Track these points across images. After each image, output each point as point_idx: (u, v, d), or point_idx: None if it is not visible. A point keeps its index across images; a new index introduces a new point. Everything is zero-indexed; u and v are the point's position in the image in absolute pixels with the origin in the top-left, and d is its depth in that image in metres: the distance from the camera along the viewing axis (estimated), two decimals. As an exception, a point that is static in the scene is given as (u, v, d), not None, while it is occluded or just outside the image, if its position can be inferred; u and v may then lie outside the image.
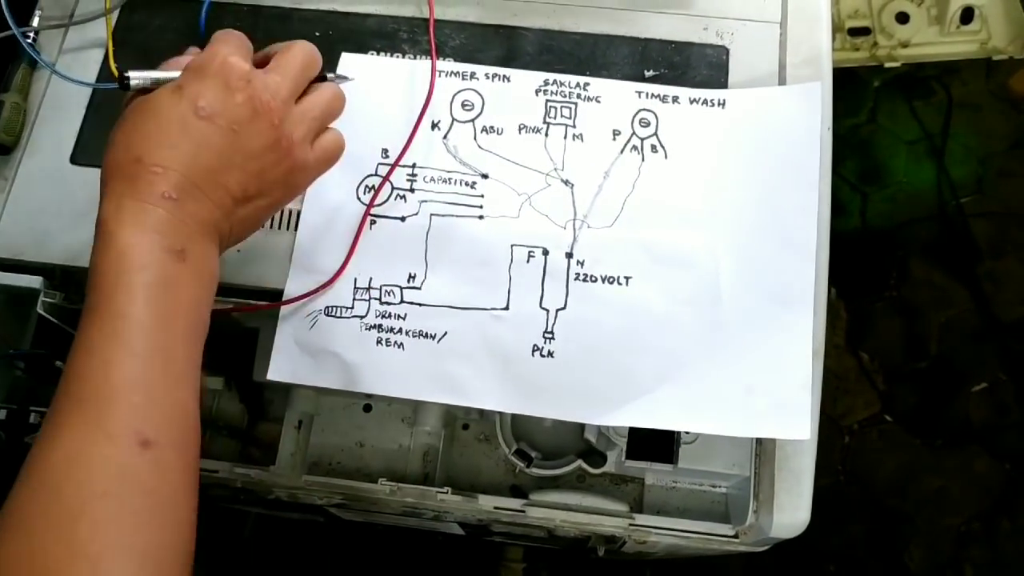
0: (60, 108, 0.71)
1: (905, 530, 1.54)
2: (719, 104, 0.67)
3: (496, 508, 0.65)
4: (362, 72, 0.69)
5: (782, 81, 0.68)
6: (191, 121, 0.49)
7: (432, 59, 0.68)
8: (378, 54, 0.70)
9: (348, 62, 0.70)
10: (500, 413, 0.68)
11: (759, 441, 0.61)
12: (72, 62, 0.73)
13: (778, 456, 0.60)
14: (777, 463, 0.60)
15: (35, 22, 0.73)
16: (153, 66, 0.54)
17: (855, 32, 1.71)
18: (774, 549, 0.64)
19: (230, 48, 0.52)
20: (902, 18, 1.71)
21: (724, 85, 0.68)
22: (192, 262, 0.48)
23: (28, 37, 0.72)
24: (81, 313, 0.46)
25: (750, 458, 0.61)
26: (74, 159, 0.69)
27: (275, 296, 0.63)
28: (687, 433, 0.62)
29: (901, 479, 1.57)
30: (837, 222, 1.83)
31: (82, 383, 0.44)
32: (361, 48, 0.70)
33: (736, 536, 0.62)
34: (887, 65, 1.72)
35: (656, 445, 0.63)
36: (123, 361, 0.44)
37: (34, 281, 0.66)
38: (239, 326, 0.67)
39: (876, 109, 1.83)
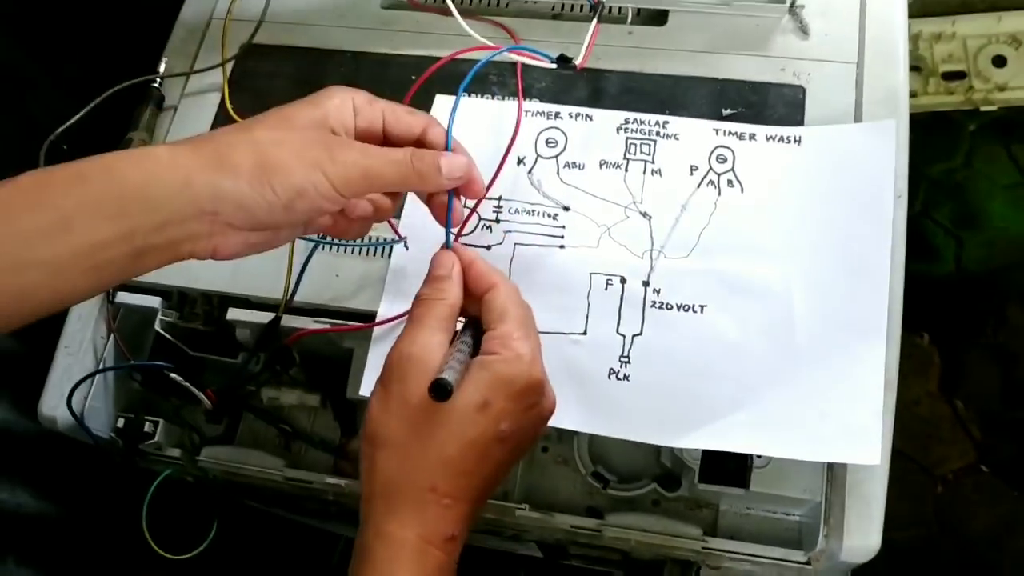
0: (181, 145, 0.78)
1: (1001, 586, 1.48)
2: (795, 141, 0.69)
3: (573, 527, 0.68)
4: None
5: (858, 119, 0.70)
6: (490, 446, 0.48)
7: (519, 100, 0.72)
8: (469, 95, 0.75)
9: (442, 103, 0.75)
10: (578, 436, 0.71)
11: (830, 467, 0.62)
12: (192, 104, 0.80)
13: (849, 481, 0.61)
14: (848, 488, 0.61)
15: (161, 69, 0.81)
16: (265, 106, 0.58)
17: (949, 76, 1.70)
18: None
19: (537, 362, 0.51)
20: (999, 62, 1.69)
21: (800, 123, 0.70)
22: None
23: (156, 83, 0.79)
24: None
25: (821, 484, 0.62)
26: (193, 191, 0.76)
27: (369, 319, 0.68)
28: (759, 457, 0.64)
29: (997, 532, 1.51)
30: (931, 267, 1.79)
31: None
32: (454, 90, 0.75)
33: (808, 563, 0.63)
34: (983, 109, 1.71)
35: (729, 469, 0.64)
36: None
37: (153, 301, 0.73)
38: (336, 346, 0.71)
39: (972, 153, 1.79)
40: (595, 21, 0.70)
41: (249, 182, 0.46)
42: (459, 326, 0.55)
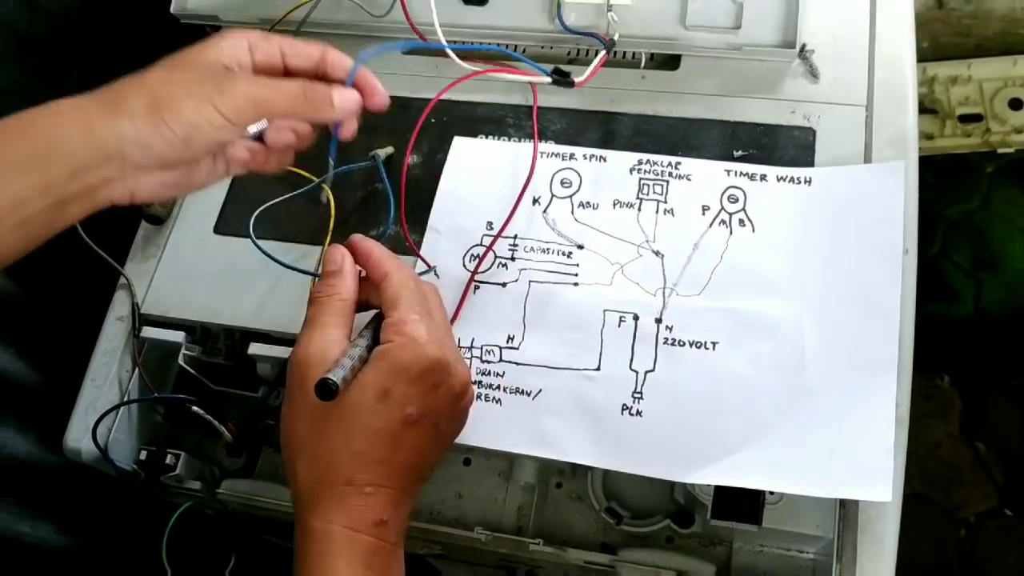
0: (208, 185, 0.80)
1: (1026, 632, 1.46)
2: (805, 181, 0.70)
3: (586, 563, 0.68)
4: (472, 153, 0.76)
5: (867, 161, 0.71)
6: (400, 432, 0.49)
7: (534, 142, 0.74)
8: (487, 137, 0.77)
9: (460, 144, 0.77)
10: (592, 472, 0.72)
11: (843, 504, 0.63)
12: (220, 145, 0.82)
13: (861, 519, 0.61)
14: (860, 526, 0.61)
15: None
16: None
17: (966, 119, 1.71)
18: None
19: (435, 342, 0.52)
20: (1015, 104, 1.70)
21: (810, 164, 0.72)
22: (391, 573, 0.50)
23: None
24: None
25: (834, 521, 0.62)
26: (217, 229, 0.78)
27: (387, 353, 0.69)
28: (771, 494, 0.64)
29: (1022, 576, 1.49)
30: (950, 309, 1.78)
31: None
32: (472, 132, 0.78)
33: (822, 601, 0.63)
34: (1000, 151, 1.71)
35: (741, 506, 0.65)
36: None
37: (177, 336, 0.75)
38: (353, 381, 0.73)
39: (990, 195, 1.80)
40: (603, 51, 0.74)
41: (146, 121, 0.48)
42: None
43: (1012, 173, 1.80)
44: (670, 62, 0.78)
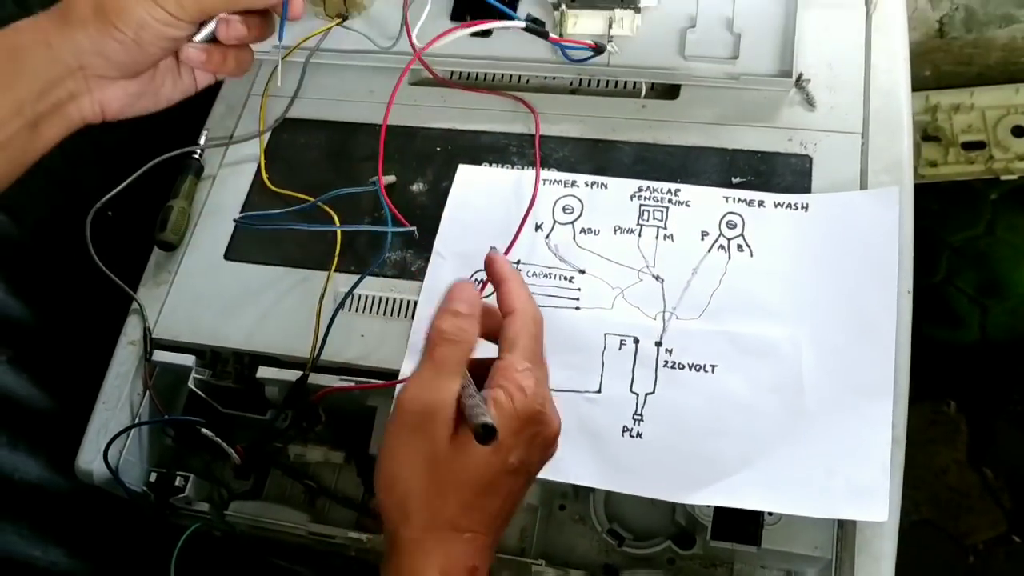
0: (218, 213, 0.83)
1: (1036, 660, 1.44)
2: (802, 207, 0.72)
3: (589, 584, 0.69)
4: (476, 180, 0.78)
5: (863, 187, 0.72)
6: (502, 481, 0.49)
7: (536, 169, 0.76)
8: (491, 165, 0.79)
9: (464, 172, 0.79)
10: (594, 494, 0.73)
11: (841, 524, 0.63)
12: (230, 173, 0.85)
13: (859, 539, 0.62)
14: (858, 546, 0.62)
15: (202, 141, 0.86)
16: (302, 184, 0.61)
17: (969, 146, 1.73)
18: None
19: (538, 396, 0.50)
20: (1018, 132, 1.71)
21: (807, 191, 0.73)
22: None
23: (196, 153, 0.84)
24: None
25: (832, 541, 0.63)
26: (227, 255, 0.80)
27: (392, 376, 0.71)
28: (770, 515, 0.65)
29: (1031, 604, 1.48)
30: (956, 334, 1.78)
31: None
32: (476, 160, 0.80)
33: (822, 621, 0.64)
34: (1003, 178, 1.73)
35: (741, 526, 0.65)
36: None
37: (187, 359, 0.77)
38: (360, 404, 0.74)
39: (994, 221, 1.81)
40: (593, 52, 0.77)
41: (96, 27, 0.50)
42: None
43: (1016, 199, 1.81)
44: (670, 92, 0.80)
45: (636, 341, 0.69)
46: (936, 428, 1.63)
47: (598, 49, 0.77)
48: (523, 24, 0.75)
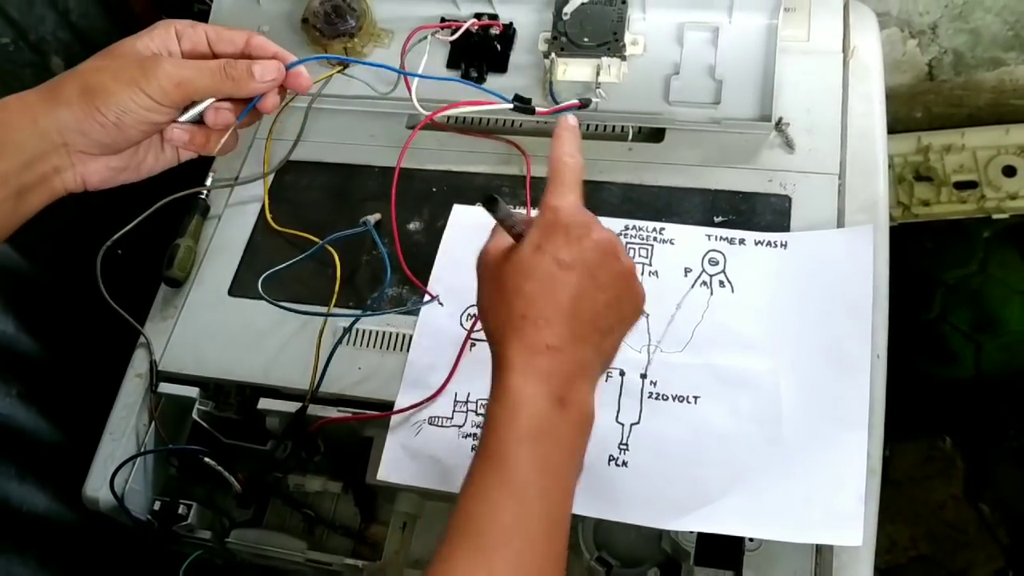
0: (223, 251, 0.86)
1: None
2: (781, 245, 0.75)
3: (577, 610, 0.71)
4: (470, 219, 0.81)
5: (840, 226, 0.76)
6: (558, 275, 0.52)
7: (527, 209, 0.79)
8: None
9: (459, 211, 0.82)
10: (582, 522, 0.75)
11: (818, 549, 0.65)
12: (235, 214, 0.88)
13: (836, 564, 0.64)
14: (835, 571, 0.64)
15: (208, 182, 0.89)
16: (305, 223, 0.64)
17: (961, 186, 1.76)
18: None
19: (568, 199, 0.54)
20: (1009, 171, 1.74)
21: (787, 229, 0.76)
22: (572, 409, 0.51)
23: (203, 194, 0.88)
24: (476, 453, 0.51)
25: (810, 566, 0.65)
26: (231, 291, 0.83)
27: (388, 408, 0.74)
28: (751, 541, 0.67)
29: (1029, 640, 1.48)
30: (951, 371, 1.80)
31: (471, 523, 0.47)
32: (471, 200, 0.83)
33: (801, 646, 0.65)
34: (995, 217, 1.75)
35: (722, 552, 0.68)
36: (508, 506, 0.47)
37: (192, 391, 0.80)
38: (357, 435, 0.77)
39: (987, 259, 1.83)
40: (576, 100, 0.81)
41: (81, 108, 0.53)
42: None
43: (1008, 238, 1.84)
44: (655, 135, 0.84)
45: (622, 373, 0.72)
46: (932, 464, 1.64)
47: (584, 105, 0.80)
48: (511, 105, 0.79)
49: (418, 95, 0.82)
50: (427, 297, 0.77)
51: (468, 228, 0.81)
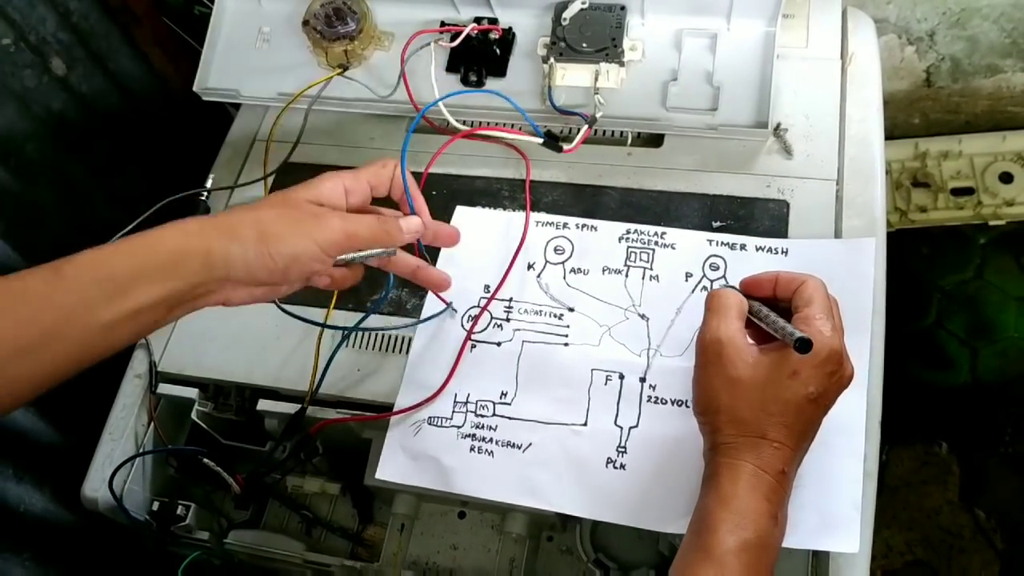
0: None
1: None
2: (782, 252, 0.75)
3: (575, 613, 0.71)
4: (471, 221, 0.82)
5: (837, 231, 0.76)
6: (803, 406, 0.57)
7: (527, 211, 0.80)
8: (484, 207, 0.83)
9: (461, 213, 0.82)
10: (581, 525, 0.75)
11: (815, 555, 0.66)
12: (236, 215, 0.88)
13: (832, 568, 0.64)
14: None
15: (208, 183, 0.89)
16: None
17: (958, 192, 1.76)
18: None
19: (837, 338, 0.58)
20: (1005, 178, 1.75)
21: (784, 235, 0.77)
22: (781, 525, 0.57)
23: (203, 195, 0.88)
24: (685, 543, 0.57)
25: (807, 571, 0.65)
26: (231, 294, 0.83)
27: (387, 409, 0.74)
28: (748, 545, 0.67)
29: (1024, 645, 1.49)
30: (947, 376, 1.81)
31: None
32: (471, 202, 0.83)
33: (798, 650, 0.66)
34: (992, 223, 1.76)
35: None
36: None
37: (191, 392, 0.80)
38: (356, 437, 0.77)
39: (983, 265, 1.84)
40: (587, 126, 0.81)
41: (255, 250, 0.56)
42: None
43: (1004, 244, 1.85)
44: (654, 140, 0.84)
45: (621, 377, 0.72)
46: (928, 469, 1.65)
47: (591, 120, 0.81)
48: (541, 140, 0.82)
49: (417, 98, 0.83)
50: (440, 304, 0.78)
51: (470, 229, 0.81)
